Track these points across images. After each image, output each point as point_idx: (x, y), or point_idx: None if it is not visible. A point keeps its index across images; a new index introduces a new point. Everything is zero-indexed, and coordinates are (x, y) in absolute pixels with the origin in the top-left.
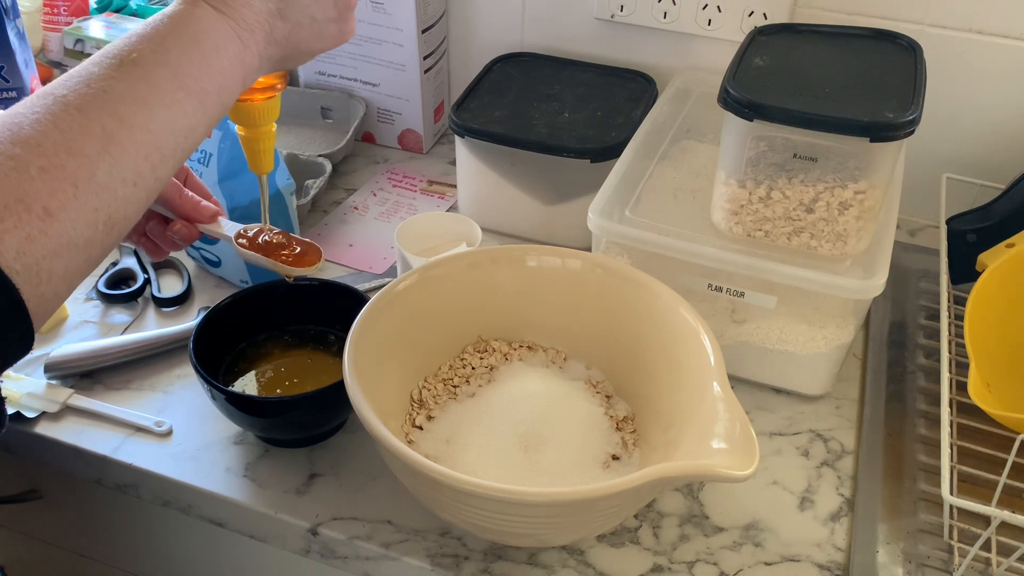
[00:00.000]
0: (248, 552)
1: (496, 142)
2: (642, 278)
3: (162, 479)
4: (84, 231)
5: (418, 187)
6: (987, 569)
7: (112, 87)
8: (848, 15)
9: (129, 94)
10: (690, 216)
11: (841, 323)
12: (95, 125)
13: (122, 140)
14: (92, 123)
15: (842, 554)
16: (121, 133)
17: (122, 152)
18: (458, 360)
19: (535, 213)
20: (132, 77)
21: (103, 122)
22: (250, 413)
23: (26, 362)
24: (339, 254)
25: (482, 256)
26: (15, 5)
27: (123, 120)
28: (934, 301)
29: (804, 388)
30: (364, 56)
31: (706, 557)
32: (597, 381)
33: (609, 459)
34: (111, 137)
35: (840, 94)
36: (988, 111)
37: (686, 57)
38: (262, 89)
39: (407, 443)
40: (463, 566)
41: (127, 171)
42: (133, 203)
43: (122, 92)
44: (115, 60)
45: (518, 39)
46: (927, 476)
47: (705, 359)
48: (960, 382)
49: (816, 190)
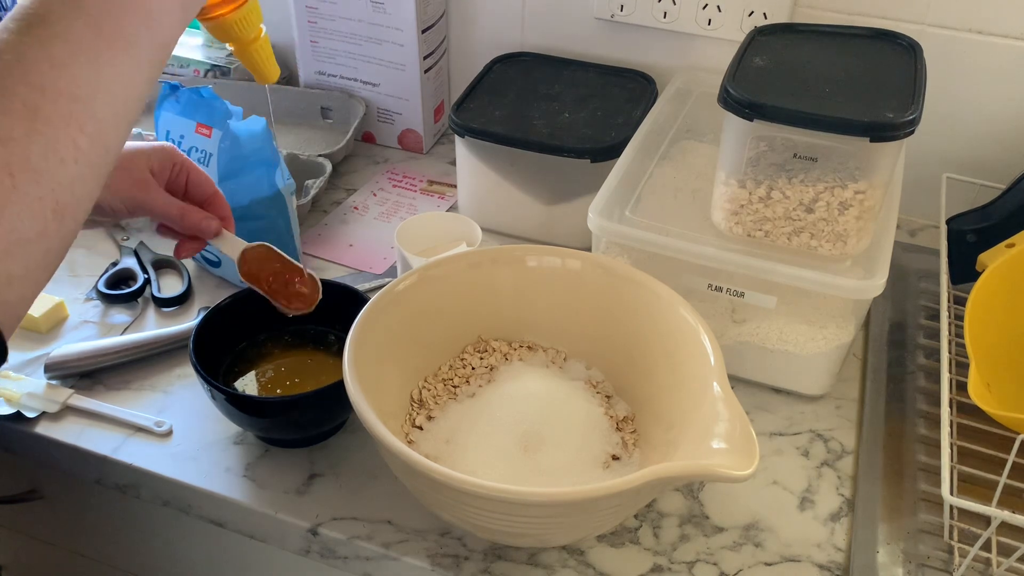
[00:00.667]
0: (248, 552)
1: (496, 142)
2: (642, 278)
3: (162, 479)
4: (32, 224)
5: (418, 187)
6: (987, 569)
7: (25, 53)
8: (848, 15)
9: (45, 58)
10: (690, 216)
11: (841, 323)
12: (14, 102)
13: (48, 114)
14: (11, 100)
15: (842, 554)
16: (45, 106)
17: (51, 127)
18: (458, 360)
19: (535, 213)
20: (45, 37)
21: (23, 96)
22: (250, 413)
23: (26, 362)
24: (339, 254)
25: (482, 256)
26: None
27: (44, 90)
28: (934, 301)
29: (804, 388)
30: (364, 56)
31: (706, 557)
32: (597, 381)
33: (609, 459)
34: (35, 112)
35: (840, 94)
36: (988, 111)
37: (686, 57)
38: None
39: (407, 443)
40: (463, 566)
41: (63, 148)
42: (80, 182)
43: (36, 57)
44: (23, 21)
45: (518, 39)
46: (927, 476)
47: (705, 359)
48: (960, 382)
49: (816, 190)
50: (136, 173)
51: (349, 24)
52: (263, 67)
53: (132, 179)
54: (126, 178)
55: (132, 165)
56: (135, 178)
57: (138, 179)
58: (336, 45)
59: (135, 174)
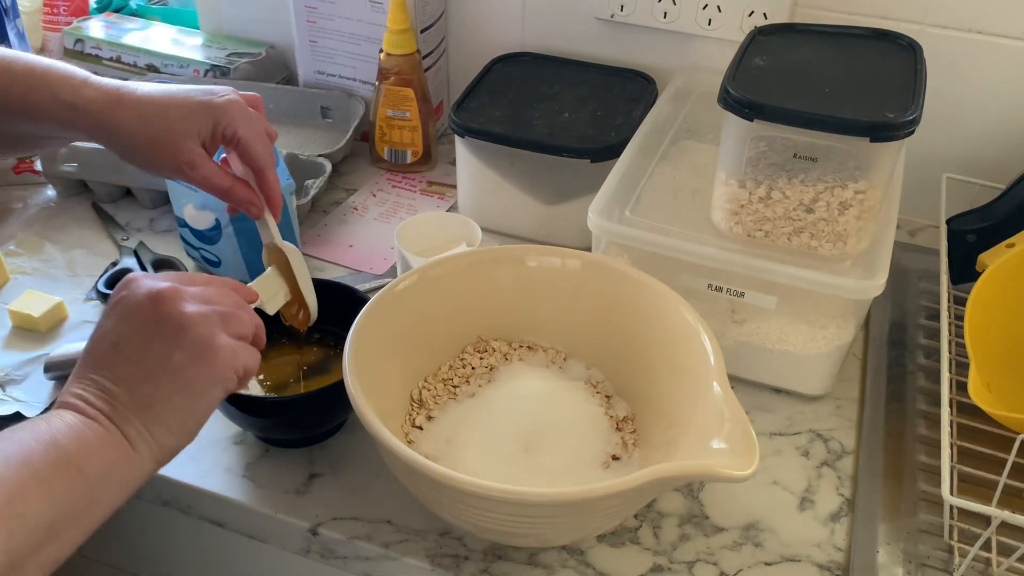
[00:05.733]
0: (248, 552)
1: (496, 142)
2: (642, 278)
3: (162, 479)
4: None
5: (418, 187)
6: (987, 569)
7: None
8: (848, 15)
9: None
10: (690, 216)
11: (841, 323)
12: None
13: None
14: None
15: (842, 554)
16: None
17: None
18: (458, 360)
19: (535, 213)
20: None
21: None
22: (250, 413)
23: (26, 362)
24: (339, 254)
25: (482, 256)
26: (15, 5)
27: None
28: (934, 301)
29: (804, 388)
30: (364, 56)
31: (706, 557)
32: (597, 381)
33: (609, 459)
34: None
35: (840, 94)
36: (988, 111)
37: (686, 57)
38: None
39: (407, 443)
40: (463, 566)
41: None
42: None
43: None
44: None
45: (518, 39)
46: (927, 476)
47: (705, 359)
48: (960, 382)
49: (816, 190)
50: (184, 155)
51: (348, 24)
52: None
53: (180, 160)
54: (172, 160)
55: (180, 147)
56: (184, 159)
57: (187, 160)
58: (336, 45)
59: (183, 156)
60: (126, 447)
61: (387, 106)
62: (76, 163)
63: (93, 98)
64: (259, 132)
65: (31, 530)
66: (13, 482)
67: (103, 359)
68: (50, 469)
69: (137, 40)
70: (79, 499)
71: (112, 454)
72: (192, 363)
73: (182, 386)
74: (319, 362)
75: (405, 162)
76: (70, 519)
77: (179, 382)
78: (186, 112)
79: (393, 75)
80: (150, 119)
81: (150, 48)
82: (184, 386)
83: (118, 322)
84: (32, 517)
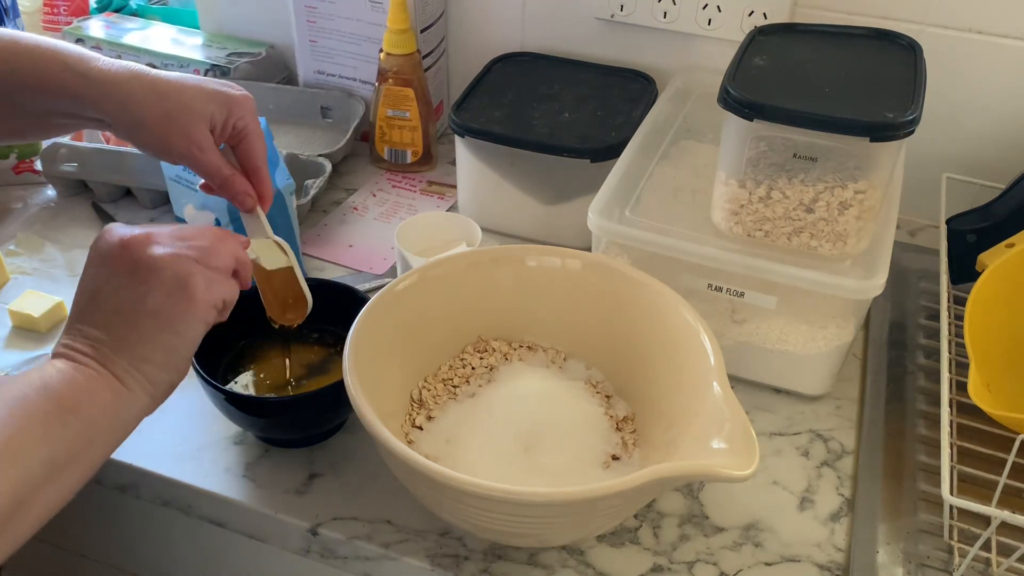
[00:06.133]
0: (248, 552)
1: (496, 142)
2: (642, 278)
3: (162, 479)
4: None
5: (418, 187)
6: (987, 569)
7: None
8: (848, 15)
9: None
10: (690, 216)
11: (841, 323)
12: None
13: None
14: None
15: (842, 554)
16: None
17: None
18: (458, 360)
19: (535, 213)
20: None
21: None
22: (250, 413)
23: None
24: (339, 254)
25: (482, 256)
26: (15, 5)
27: None
28: (934, 301)
29: (804, 388)
30: (364, 56)
31: (706, 557)
32: (597, 381)
33: (609, 459)
34: None
35: (840, 94)
36: (988, 111)
37: (686, 57)
38: None
39: (407, 443)
40: (463, 566)
41: None
42: None
43: None
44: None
45: (518, 39)
46: (927, 476)
47: (705, 359)
48: (960, 382)
49: (816, 190)
50: (197, 136)
51: (348, 24)
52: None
53: (192, 140)
54: (183, 139)
55: (194, 127)
56: (196, 140)
57: (198, 142)
58: (336, 45)
59: (196, 136)
60: (117, 386)
61: (387, 106)
62: (76, 163)
63: (106, 70)
64: (261, 132)
65: (31, 469)
66: (9, 425)
67: (85, 309)
68: (44, 411)
69: (137, 40)
70: (76, 438)
71: (104, 394)
72: (168, 302)
73: (162, 325)
74: (319, 362)
75: (405, 162)
76: (70, 458)
77: (158, 322)
78: (202, 95)
79: (393, 75)
80: (167, 94)
81: (150, 48)
82: (164, 325)
83: (95, 272)
84: (31, 457)
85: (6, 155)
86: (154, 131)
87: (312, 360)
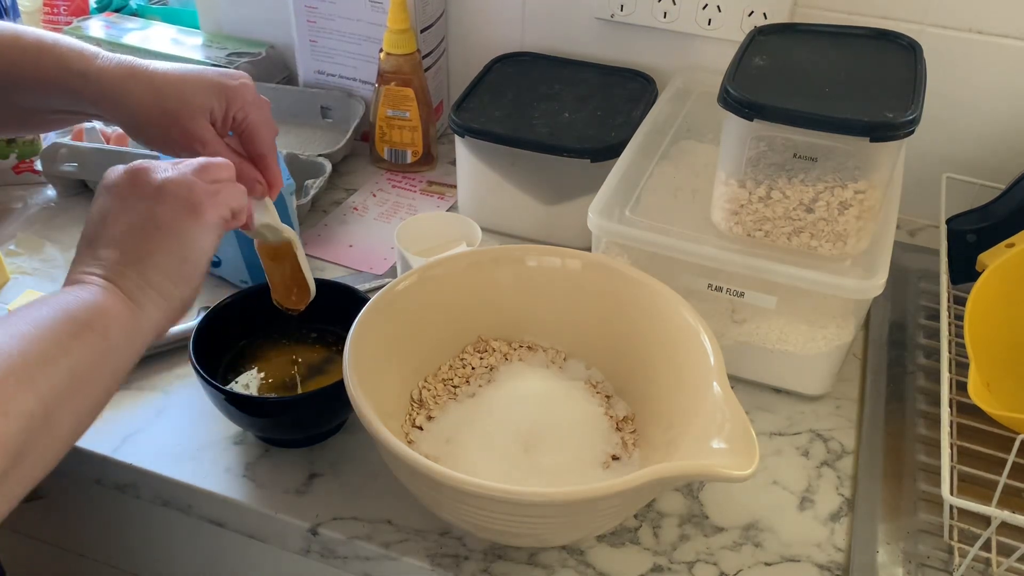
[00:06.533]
0: (248, 552)
1: (496, 142)
2: (642, 278)
3: (162, 479)
4: None
5: (418, 187)
6: (987, 569)
7: None
8: (848, 15)
9: None
10: (690, 216)
11: (841, 323)
12: None
13: None
14: None
15: (842, 554)
16: None
17: None
18: (458, 360)
19: (535, 213)
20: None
21: None
22: (250, 413)
23: None
24: (339, 254)
25: (482, 256)
26: (15, 5)
27: None
28: (934, 301)
29: (804, 388)
30: (364, 56)
31: (706, 557)
32: (597, 381)
33: (609, 459)
34: None
35: (840, 94)
36: (988, 111)
37: (686, 57)
38: None
39: (407, 443)
40: (463, 566)
41: None
42: None
43: None
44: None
45: (518, 39)
46: (927, 476)
47: (705, 359)
48: (960, 382)
49: (816, 190)
50: (198, 131)
51: (348, 24)
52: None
53: (193, 135)
54: (183, 135)
55: (194, 122)
56: (197, 135)
57: (199, 136)
58: (336, 45)
59: (196, 131)
60: (127, 301)
61: (387, 106)
62: (76, 163)
63: (104, 68)
64: (267, 118)
65: (56, 377)
66: (31, 337)
67: (93, 233)
68: (60, 328)
69: (137, 40)
70: (93, 351)
71: (115, 308)
72: (176, 213)
73: (171, 236)
74: (319, 362)
75: (405, 162)
76: (89, 370)
77: (168, 233)
78: (201, 89)
79: (393, 75)
80: (165, 91)
81: (150, 48)
82: (174, 235)
83: (102, 201)
84: (56, 365)
85: (6, 155)
86: (154, 129)
87: (312, 360)
